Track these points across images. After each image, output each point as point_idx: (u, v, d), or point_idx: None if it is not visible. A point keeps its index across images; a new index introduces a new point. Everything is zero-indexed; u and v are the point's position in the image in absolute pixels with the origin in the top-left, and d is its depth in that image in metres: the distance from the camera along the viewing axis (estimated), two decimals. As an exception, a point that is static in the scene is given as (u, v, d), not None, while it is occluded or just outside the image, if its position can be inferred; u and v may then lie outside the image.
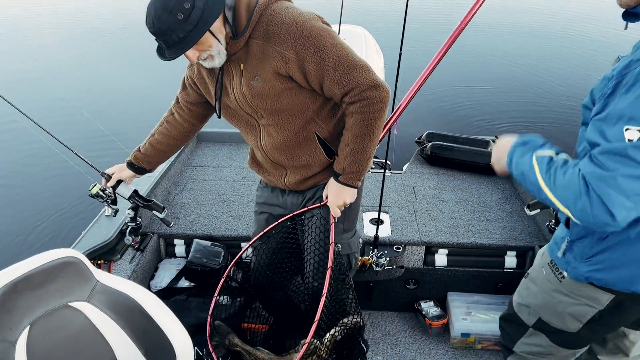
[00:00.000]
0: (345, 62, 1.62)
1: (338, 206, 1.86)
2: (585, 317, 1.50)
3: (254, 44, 1.65)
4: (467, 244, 2.68)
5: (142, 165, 2.19)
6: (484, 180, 3.30)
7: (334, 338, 1.93)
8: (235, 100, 1.80)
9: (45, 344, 1.49)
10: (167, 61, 1.65)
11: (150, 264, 2.64)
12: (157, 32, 1.56)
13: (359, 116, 1.68)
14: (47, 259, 1.51)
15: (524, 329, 1.67)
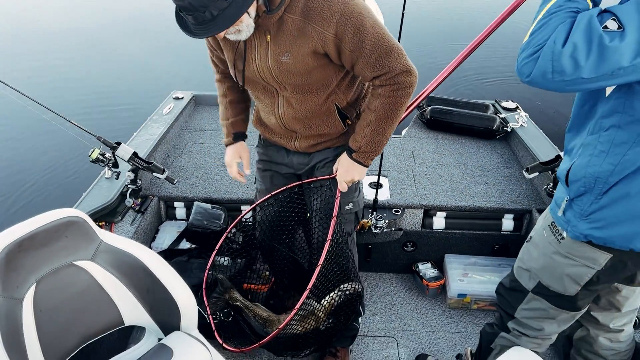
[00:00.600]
0: (383, 45, 1.57)
1: (346, 182, 1.87)
2: (583, 279, 1.51)
3: (290, 19, 1.56)
4: (465, 207, 2.71)
5: (243, 129, 2.10)
6: (483, 144, 3.31)
7: (333, 302, 1.97)
8: (257, 71, 1.72)
9: (51, 301, 1.52)
10: (194, 38, 1.53)
11: (151, 226, 2.66)
12: (186, 7, 1.42)
13: (386, 99, 1.66)
14: (51, 219, 1.52)
15: (524, 295, 1.69)
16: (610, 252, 1.44)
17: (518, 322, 1.73)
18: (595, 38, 1.14)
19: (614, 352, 1.80)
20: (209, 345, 1.64)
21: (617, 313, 1.72)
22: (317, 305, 1.98)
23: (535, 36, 1.23)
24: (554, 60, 1.19)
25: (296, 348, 2.08)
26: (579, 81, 1.18)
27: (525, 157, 3.04)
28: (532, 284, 1.66)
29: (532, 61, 1.22)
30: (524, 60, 1.25)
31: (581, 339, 1.84)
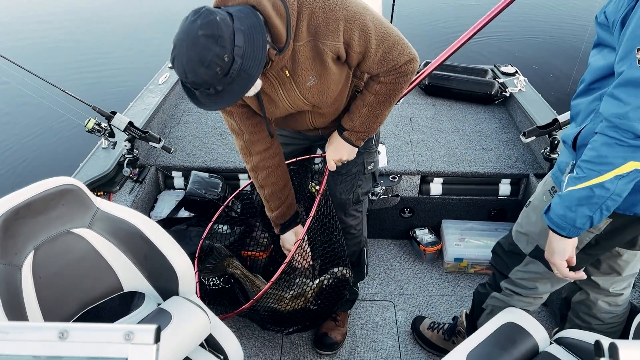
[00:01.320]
0: (386, 40, 1.56)
1: (335, 161, 1.87)
2: (582, 243, 1.51)
3: (301, 47, 1.51)
4: (462, 173, 2.71)
5: (290, 216, 2.01)
6: (481, 109, 3.29)
7: (321, 284, 2.00)
8: (290, 106, 1.70)
9: (50, 268, 1.55)
10: (203, 109, 1.48)
11: (149, 196, 2.68)
12: (190, 84, 1.38)
13: (388, 85, 1.66)
14: (46, 187, 1.54)
15: (521, 258, 1.69)
16: (611, 216, 1.43)
17: (511, 282, 1.75)
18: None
19: (611, 315, 1.83)
20: (207, 310, 1.67)
21: (617, 277, 1.73)
22: (307, 285, 2.01)
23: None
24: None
25: (281, 324, 2.11)
26: None
27: (523, 122, 3.03)
28: (530, 247, 1.66)
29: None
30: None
31: (580, 302, 1.87)
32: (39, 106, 2.64)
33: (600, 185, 1.25)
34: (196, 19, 1.31)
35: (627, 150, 1.20)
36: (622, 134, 1.20)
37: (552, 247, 1.42)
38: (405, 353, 2.25)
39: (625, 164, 1.21)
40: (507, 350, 1.63)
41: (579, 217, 1.31)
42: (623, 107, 1.19)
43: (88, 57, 6.56)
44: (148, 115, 2.90)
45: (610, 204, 1.28)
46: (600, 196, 1.26)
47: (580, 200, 1.29)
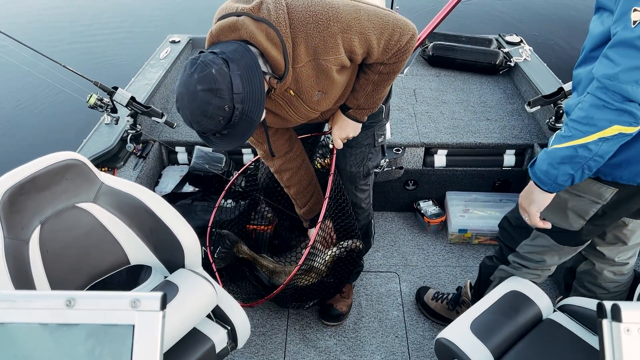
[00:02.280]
0: (386, 30, 1.54)
1: (341, 139, 1.88)
2: (588, 214, 1.51)
3: (302, 68, 1.50)
4: (467, 144, 2.70)
5: (318, 211, 1.98)
6: (485, 80, 3.25)
7: (334, 255, 2.02)
8: (300, 119, 1.73)
9: (57, 242, 1.56)
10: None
11: (153, 171, 2.68)
12: (197, 130, 1.42)
13: (393, 65, 1.66)
14: (50, 162, 1.54)
15: (528, 232, 1.69)
16: (616, 186, 1.43)
17: (519, 255, 1.75)
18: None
19: (616, 284, 1.83)
20: (213, 282, 1.69)
21: (623, 247, 1.73)
22: (320, 260, 2.03)
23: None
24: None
25: (300, 300, 2.16)
26: None
27: (528, 91, 3.00)
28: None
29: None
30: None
31: (585, 272, 1.87)
32: (39, 82, 2.63)
33: (584, 146, 1.27)
34: (193, 73, 1.34)
35: (613, 113, 1.21)
36: (610, 95, 1.21)
37: (532, 197, 1.45)
38: (409, 323, 2.28)
39: (610, 127, 1.22)
40: (511, 317, 1.65)
41: (561, 175, 1.34)
42: (614, 68, 1.19)
43: (88, 33, 6.50)
44: (150, 90, 2.88)
45: (592, 164, 1.30)
46: (583, 156, 1.28)
47: (563, 158, 1.31)
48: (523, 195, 1.51)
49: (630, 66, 1.17)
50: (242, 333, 1.70)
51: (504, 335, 1.61)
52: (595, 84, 1.24)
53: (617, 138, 1.25)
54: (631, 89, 1.18)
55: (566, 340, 1.60)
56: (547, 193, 1.42)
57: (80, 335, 0.67)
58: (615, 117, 1.21)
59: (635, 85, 1.18)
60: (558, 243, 1.63)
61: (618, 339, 0.63)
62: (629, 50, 1.18)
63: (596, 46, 1.35)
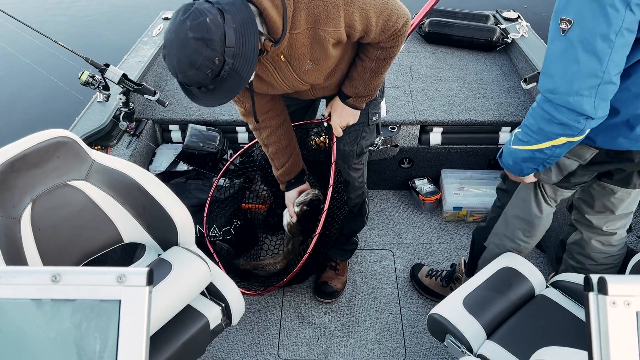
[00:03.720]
0: (385, 10, 1.54)
1: (341, 127, 1.88)
2: (567, 170, 1.61)
3: (298, 34, 1.47)
4: (462, 122, 2.68)
5: (296, 174, 1.99)
6: (482, 56, 3.22)
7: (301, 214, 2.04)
8: (286, 86, 1.69)
9: (49, 220, 1.56)
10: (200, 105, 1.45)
11: (147, 149, 2.66)
12: (183, 81, 1.36)
13: (389, 50, 1.66)
14: (40, 139, 1.53)
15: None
16: (596, 149, 1.52)
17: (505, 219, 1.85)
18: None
19: (605, 255, 1.85)
20: (207, 259, 1.69)
21: (611, 216, 1.75)
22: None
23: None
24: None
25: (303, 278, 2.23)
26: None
27: (525, 68, 2.97)
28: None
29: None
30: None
31: (574, 242, 1.89)
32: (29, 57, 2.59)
33: (539, 151, 1.41)
34: (185, 19, 1.27)
35: (559, 127, 1.31)
36: (555, 108, 1.29)
37: (511, 175, 1.67)
38: (403, 300, 2.30)
39: (558, 139, 1.34)
40: (504, 293, 1.66)
41: (525, 169, 1.52)
42: (552, 82, 1.27)
43: (79, 8, 6.39)
44: (143, 68, 2.85)
45: (551, 161, 1.45)
46: (540, 157, 1.44)
47: (524, 159, 1.48)
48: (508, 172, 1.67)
49: (566, 77, 1.24)
50: (237, 310, 1.71)
51: (496, 311, 1.63)
52: (541, 97, 1.33)
53: (567, 145, 1.36)
54: (573, 100, 1.25)
55: (557, 315, 1.61)
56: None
57: (67, 311, 0.67)
58: (561, 131, 1.32)
59: (576, 96, 1.24)
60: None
61: (604, 311, 0.63)
62: (557, 59, 1.25)
63: None
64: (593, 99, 1.24)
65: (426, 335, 2.15)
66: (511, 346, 1.51)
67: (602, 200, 1.72)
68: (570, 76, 1.23)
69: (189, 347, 1.57)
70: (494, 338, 1.56)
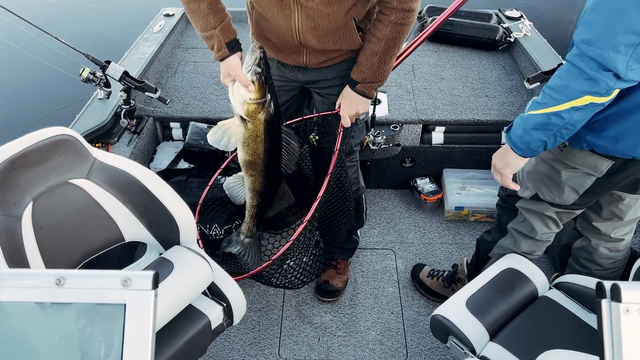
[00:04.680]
0: None
1: (350, 116, 1.83)
2: (583, 187, 1.53)
3: None
4: (465, 121, 2.67)
5: (234, 35, 1.72)
6: (484, 55, 3.20)
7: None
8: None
9: (50, 219, 1.54)
10: None
11: (148, 147, 2.65)
12: None
13: (397, 27, 1.61)
14: (42, 137, 1.51)
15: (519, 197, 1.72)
16: (612, 159, 1.44)
17: (516, 222, 1.78)
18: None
19: (611, 261, 1.84)
20: (208, 258, 1.68)
21: (619, 222, 1.73)
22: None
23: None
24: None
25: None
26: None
27: (527, 67, 2.96)
28: (529, 194, 1.67)
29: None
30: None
31: (581, 248, 1.88)
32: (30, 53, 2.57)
33: (556, 114, 1.29)
34: None
35: (586, 83, 1.21)
36: (586, 62, 1.20)
37: (507, 160, 1.49)
38: (405, 300, 2.29)
39: (582, 97, 1.23)
40: (506, 294, 1.65)
41: (534, 141, 1.37)
42: (591, 32, 1.19)
43: (79, 5, 6.36)
44: (144, 64, 2.83)
45: (564, 132, 1.33)
46: (555, 124, 1.30)
47: (536, 125, 1.34)
48: (497, 157, 1.54)
49: (608, 29, 1.15)
50: (238, 309, 1.70)
51: (500, 312, 1.62)
52: (574, 50, 1.23)
53: (588, 108, 1.25)
54: (607, 55, 1.17)
55: (561, 317, 1.61)
56: (521, 157, 1.44)
57: (71, 315, 0.66)
58: (587, 88, 1.22)
59: (611, 51, 1.16)
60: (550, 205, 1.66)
61: (617, 319, 0.62)
62: (608, 11, 1.16)
63: None
64: (627, 58, 1.16)
65: (428, 335, 2.14)
66: (515, 348, 1.51)
67: (610, 207, 1.70)
68: (612, 28, 1.15)
69: (190, 347, 1.56)
70: (497, 340, 1.56)
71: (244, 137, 1.70)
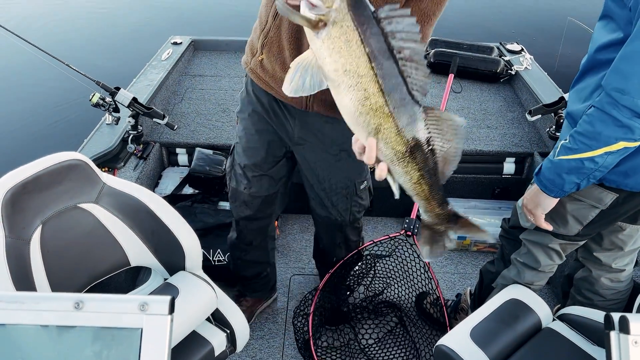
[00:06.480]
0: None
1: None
2: (587, 219, 1.54)
3: None
4: (467, 151, 2.70)
5: None
6: (486, 87, 3.26)
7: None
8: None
9: (58, 242, 1.55)
10: None
11: (154, 172, 2.68)
12: None
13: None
14: (53, 162, 1.54)
15: (523, 229, 1.73)
16: (618, 192, 1.46)
17: (519, 254, 1.79)
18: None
19: (613, 292, 1.84)
20: (213, 284, 1.69)
21: (619, 252, 1.74)
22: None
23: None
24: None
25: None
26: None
27: (528, 100, 3.01)
28: (531, 224, 1.68)
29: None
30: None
31: (582, 278, 1.88)
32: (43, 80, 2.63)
33: (590, 159, 1.31)
34: None
35: (621, 130, 1.23)
36: (620, 110, 1.22)
37: (537, 201, 1.52)
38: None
39: (617, 143, 1.26)
40: (510, 326, 1.65)
41: (567, 183, 1.40)
42: (625, 81, 1.20)
43: (91, 32, 6.49)
44: (151, 91, 2.88)
45: (597, 174, 1.35)
46: (589, 168, 1.33)
47: (570, 169, 1.36)
48: (529, 198, 1.55)
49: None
50: (242, 337, 1.69)
51: (504, 343, 1.62)
52: (605, 98, 1.24)
53: (622, 151, 1.28)
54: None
55: (565, 350, 1.60)
56: (552, 197, 1.47)
57: (88, 338, 0.67)
58: (622, 135, 1.24)
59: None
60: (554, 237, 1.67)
61: (626, 351, 0.63)
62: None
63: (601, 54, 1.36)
64: None
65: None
66: (519, 380, 1.50)
67: (611, 238, 1.71)
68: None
69: (194, 373, 1.56)
70: (502, 371, 1.55)
71: (333, 54, 0.93)
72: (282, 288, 2.47)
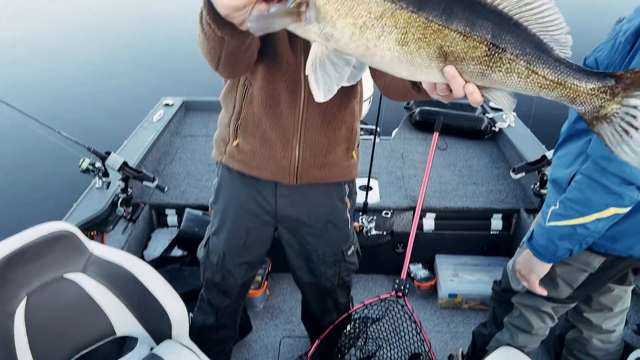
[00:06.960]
0: None
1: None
2: (577, 282, 1.55)
3: None
4: (454, 208, 2.74)
5: None
6: (471, 144, 3.34)
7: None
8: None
9: (43, 314, 1.54)
10: None
11: (142, 234, 2.67)
12: None
13: None
14: (40, 233, 1.54)
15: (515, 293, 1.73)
16: (605, 256, 1.47)
17: (512, 317, 1.78)
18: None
19: (605, 353, 1.83)
20: (200, 353, 1.66)
21: (609, 313, 1.75)
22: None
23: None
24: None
25: None
26: None
27: (513, 156, 3.08)
28: (524, 288, 1.68)
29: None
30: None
31: (573, 339, 1.87)
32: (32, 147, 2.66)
33: (582, 225, 1.33)
34: None
35: (610, 197, 1.25)
36: (608, 178, 1.23)
37: (531, 266, 1.51)
38: None
39: (607, 210, 1.27)
40: (502, 391, 1.63)
41: (560, 249, 1.40)
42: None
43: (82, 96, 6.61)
44: (142, 152, 2.92)
45: (589, 240, 1.36)
46: (581, 234, 1.34)
47: (562, 235, 1.37)
48: (522, 263, 1.55)
49: None
50: (229, 408, 1.65)
51: (496, 411, 1.59)
52: (592, 165, 1.27)
53: (612, 217, 1.29)
54: (629, 170, 1.20)
55: (559, 416, 1.57)
56: (545, 263, 1.47)
57: None
58: (612, 201, 1.25)
59: (632, 166, 1.18)
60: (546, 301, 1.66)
61: None
62: None
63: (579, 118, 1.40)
64: None
65: None
66: None
67: (600, 299, 1.72)
68: None
69: None
70: None
71: (335, 22, 0.81)
72: (271, 351, 2.43)
